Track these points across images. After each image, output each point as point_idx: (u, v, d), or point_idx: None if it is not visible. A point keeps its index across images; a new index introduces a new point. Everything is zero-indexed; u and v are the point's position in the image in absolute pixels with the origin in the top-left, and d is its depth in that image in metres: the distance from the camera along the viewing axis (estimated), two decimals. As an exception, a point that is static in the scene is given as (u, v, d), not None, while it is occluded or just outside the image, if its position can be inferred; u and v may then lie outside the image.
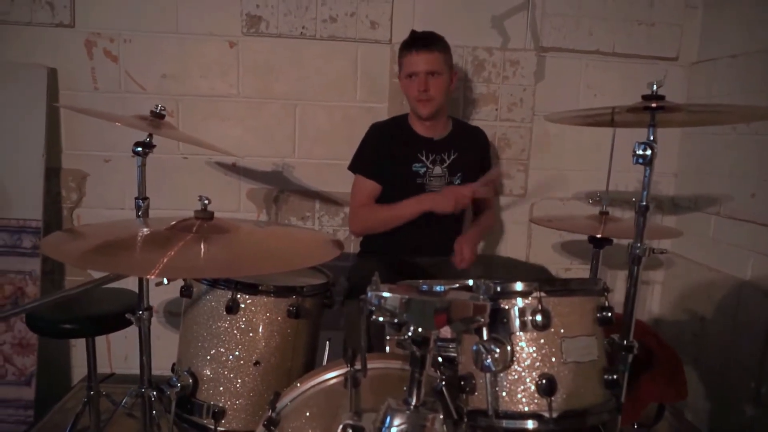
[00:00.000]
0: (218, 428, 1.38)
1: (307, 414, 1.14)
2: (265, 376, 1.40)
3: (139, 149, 1.43)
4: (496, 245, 2.50)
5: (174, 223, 1.09)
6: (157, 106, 1.45)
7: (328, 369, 1.23)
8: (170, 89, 2.27)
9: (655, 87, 1.13)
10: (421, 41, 1.87)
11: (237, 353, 1.39)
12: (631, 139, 1.20)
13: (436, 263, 1.95)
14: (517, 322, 0.93)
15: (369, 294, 0.88)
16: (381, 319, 0.88)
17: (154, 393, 1.49)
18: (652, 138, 1.13)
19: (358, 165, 2.03)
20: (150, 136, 1.44)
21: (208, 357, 1.40)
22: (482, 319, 0.87)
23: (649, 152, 1.12)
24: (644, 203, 1.15)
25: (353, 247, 2.37)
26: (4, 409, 2.17)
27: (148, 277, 0.91)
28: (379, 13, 2.25)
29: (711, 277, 2.24)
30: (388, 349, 1.22)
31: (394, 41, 2.27)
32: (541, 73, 2.36)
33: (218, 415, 1.37)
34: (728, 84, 2.18)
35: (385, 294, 0.87)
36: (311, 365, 1.52)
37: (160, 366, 1.67)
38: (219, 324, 1.39)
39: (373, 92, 2.33)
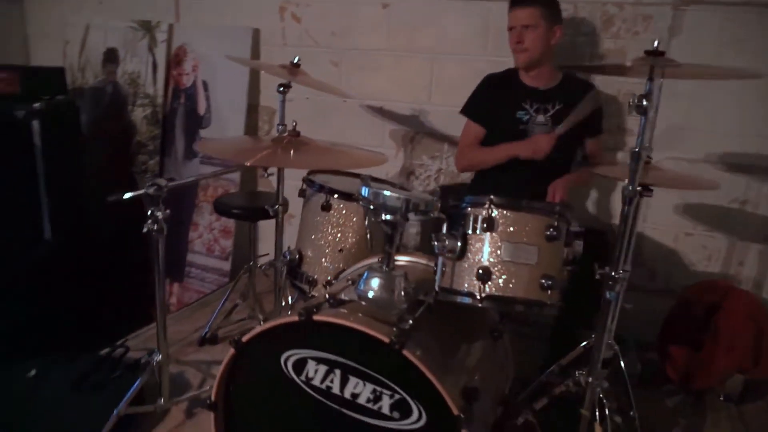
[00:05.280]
0: (311, 293, 1.92)
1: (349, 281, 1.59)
2: (346, 261, 1.88)
3: (281, 89, 1.98)
4: (609, 204, 2.55)
5: (276, 137, 1.61)
6: (295, 57, 1.97)
7: (375, 255, 1.66)
8: (337, 44, 2.82)
9: (656, 43, 1.24)
10: None
11: (328, 240, 1.89)
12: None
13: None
14: (470, 225, 1.23)
15: (363, 190, 1.28)
16: (371, 207, 1.27)
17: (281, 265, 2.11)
18: (649, 90, 1.25)
19: (467, 109, 2.33)
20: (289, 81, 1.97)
21: (308, 241, 1.93)
22: (433, 214, 1.20)
23: (645, 103, 1.25)
24: (637, 149, 1.28)
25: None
26: (211, 274, 3.09)
27: (247, 164, 1.42)
28: (510, -27, 2.44)
29: None
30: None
31: (524, -1, 2.44)
32: (678, 28, 2.29)
33: (311, 283, 1.91)
34: None
35: (373, 189, 1.26)
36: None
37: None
38: (317, 219, 1.91)
39: (501, 47, 2.53)
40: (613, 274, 1.35)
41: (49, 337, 2.42)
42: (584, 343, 1.75)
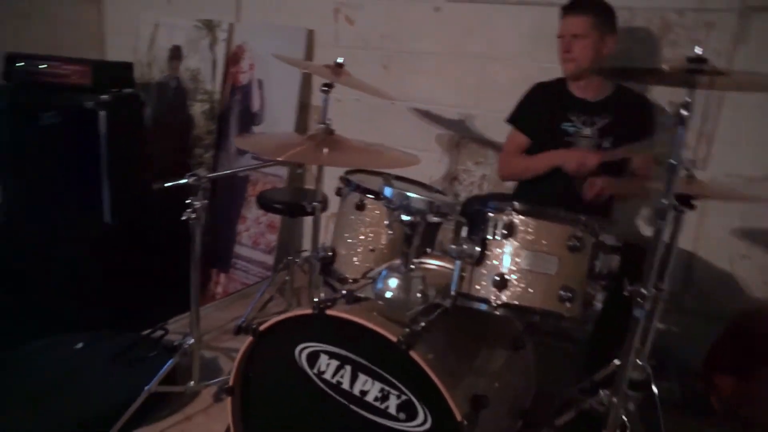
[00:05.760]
0: (342, 290, 1.94)
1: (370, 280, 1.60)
2: (376, 261, 1.89)
3: (325, 89, 2.02)
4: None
5: (310, 134, 1.64)
6: (339, 58, 2.00)
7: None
8: (387, 47, 2.84)
9: (698, 50, 1.17)
10: (570, 5, 2.01)
11: (360, 239, 1.91)
12: None
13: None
14: (490, 230, 1.21)
15: (387, 191, 1.29)
16: (391, 207, 1.28)
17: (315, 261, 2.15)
18: (689, 100, 1.19)
19: (513, 118, 2.29)
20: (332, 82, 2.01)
21: (342, 240, 1.96)
22: (452, 217, 1.19)
23: (685, 113, 1.19)
24: (672, 161, 1.22)
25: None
26: (255, 267, 3.19)
27: (278, 159, 1.46)
28: (566, -22, 2.38)
29: None
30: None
31: (579, 4, 2.37)
32: (744, 35, 2.15)
33: (342, 280, 1.93)
34: None
35: (393, 189, 1.27)
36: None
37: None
38: (351, 217, 1.93)
39: (552, 54, 2.47)
40: (642, 291, 1.29)
41: (102, 314, 2.57)
42: (617, 362, 1.67)
